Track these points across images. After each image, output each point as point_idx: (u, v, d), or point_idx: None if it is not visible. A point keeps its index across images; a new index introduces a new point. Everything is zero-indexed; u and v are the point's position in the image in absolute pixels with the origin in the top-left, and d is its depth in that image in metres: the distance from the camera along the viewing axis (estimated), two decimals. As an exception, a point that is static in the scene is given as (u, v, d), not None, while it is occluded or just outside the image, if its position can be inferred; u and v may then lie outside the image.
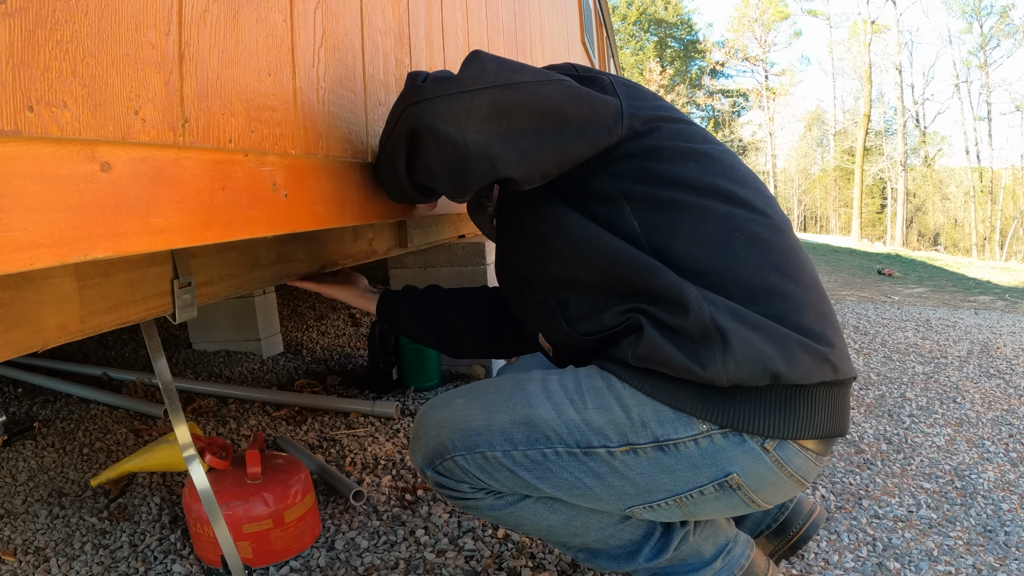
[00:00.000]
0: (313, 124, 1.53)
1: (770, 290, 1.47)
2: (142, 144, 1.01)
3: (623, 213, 1.57)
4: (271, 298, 4.93)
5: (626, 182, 1.58)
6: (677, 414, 1.45)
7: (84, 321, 1.49)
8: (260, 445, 2.31)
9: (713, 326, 1.40)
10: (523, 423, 1.54)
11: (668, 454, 1.47)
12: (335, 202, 1.61)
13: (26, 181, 0.83)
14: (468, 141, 1.49)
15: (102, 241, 0.93)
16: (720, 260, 1.49)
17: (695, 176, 1.57)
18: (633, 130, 1.59)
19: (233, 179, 1.22)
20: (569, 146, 1.55)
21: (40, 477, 3.02)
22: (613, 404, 1.49)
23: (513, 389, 1.61)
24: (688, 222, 1.52)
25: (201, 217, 1.13)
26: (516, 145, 1.52)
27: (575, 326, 1.63)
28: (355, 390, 4.03)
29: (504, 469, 1.56)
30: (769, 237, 1.53)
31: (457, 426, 1.59)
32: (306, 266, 2.38)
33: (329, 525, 2.45)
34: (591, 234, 1.58)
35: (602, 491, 1.53)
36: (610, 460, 1.49)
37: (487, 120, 1.50)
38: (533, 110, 1.52)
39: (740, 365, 1.39)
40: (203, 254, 1.88)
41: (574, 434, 1.50)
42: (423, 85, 1.55)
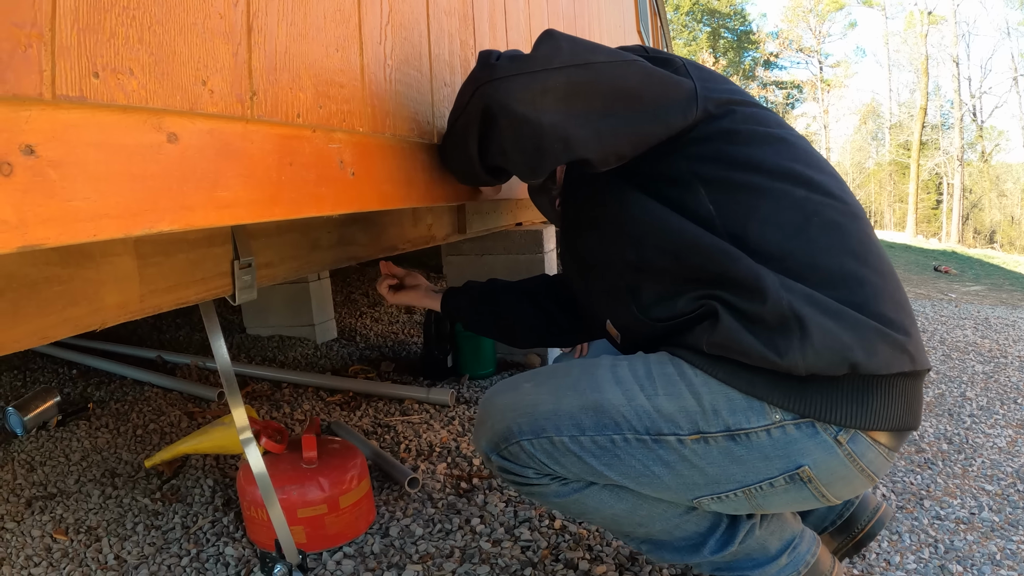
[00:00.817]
0: (380, 102, 1.49)
1: (848, 276, 1.43)
2: (209, 116, 0.98)
3: (698, 196, 1.53)
4: (326, 284, 4.92)
5: (701, 164, 1.55)
6: (750, 402, 1.42)
7: (143, 300, 1.47)
8: (316, 429, 2.27)
9: (791, 313, 1.36)
10: (592, 408, 1.51)
11: (739, 444, 1.43)
12: (402, 182, 1.57)
13: (90, 150, 0.79)
14: (544, 121, 1.45)
15: (168, 214, 0.90)
16: (797, 245, 1.45)
17: (771, 160, 1.53)
18: (708, 112, 1.56)
19: (301, 155, 1.19)
20: (644, 127, 1.52)
21: (93, 457, 3.01)
22: (684, 391, 1.46)
23: (582, 374, 1.58)
24: (764, 206, 1.49)
25: (268, 193, 1.09)
26: (592, 126, 1.48)
27: (647, 312, 1.60)
28: (409, 377, 4.01)
29: (571, 455, 1.53)
30: (846, 223, 1.49)
31: (524, 410, 1.57)
32: (366, 250, 2.36)
33: (383, 511, 2.42)
34: (665, 219, 1.55)
35: (670, 480, 1.50)
36: (680, 448, 1.46)
37: (562, 100, 1.47)
38: (608, 91, 1.49)
39: (818, 354, 1.35)
40: (264, 235, 1.85)
41: (643, 421, 1.47)
42: (497, 63, 1.51)
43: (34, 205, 0.72)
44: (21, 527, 2.43)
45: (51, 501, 2.62)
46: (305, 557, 2.01)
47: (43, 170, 0.74)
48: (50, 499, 2.64)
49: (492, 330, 2.25)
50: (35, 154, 0.73)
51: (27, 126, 0.72)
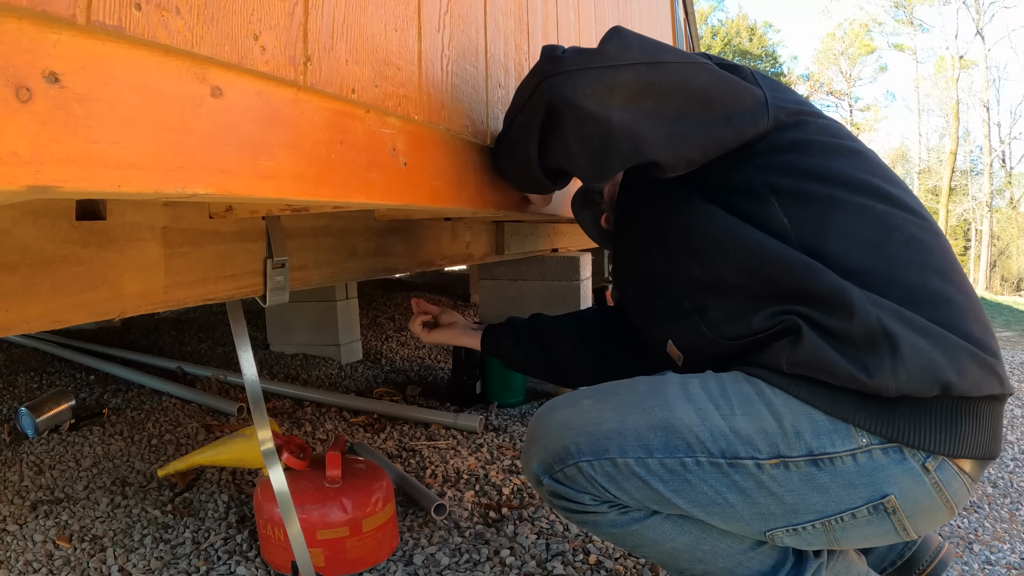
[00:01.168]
0: (436, 92, 1.39)
1: (932, 294, 1.34)
2: (259, 75, 0.87)
3: (770, 208, 1.45)
4: (353, 303, 4.83)
5: (773, 175, 1.47)
6: (834, 424, 1.32)
7: (168, 292, 1.38)
8: (341, 447, 2.17)
9: (881, 330, 1.27)
10: (661, 428, 1.40)
11: (823, 470, 1.33)
12: (453, 180, 1.46)
13: (124, 89, 0.68)
14: (613, 119, 1.35)
15: (205, 175, 0.78)
16: (879, 260, 1.37)
17: (847, 172, 1.45)
18: (779, 121, 1.48)
19: (352, 134, 1.08)
20: (716, 133, 1.43)
21: (105, 464, 2.93)
22: (763, 411, 1.36)
23: (650, 390, 1.47)
24: (843, 219, 1.41)
25: (316, 169, 0.98)
26: (662, 127, 1.39)
27: (717, 330, 1.49)
28: (435, 402, 3.91)
29: (636, 479, 1.41)
30: (927, 239, 1.41)
31: (584, 428, 1.45)
32: (404, 262, 2.28)
33: (407, 538, 2.31)
34: (738, 231, 1.45)
35: (744, 509, 1.38)
36: (757, 474, 1.35)
37: (631, 99, 1.37)
38: (679, 92, 1.40)
39: (910, 374, 1.26)
40: (299, 235, 1.77)
41: (719, 442, 1.37)
42: (564, 56, 1.41)
43: (52, 141, 0.61)
44: (23, 531, 2.34)
45: (57, 506, 2.53)
46: (323, 582, 1.91)
47: (67, 103, 0.63)
48: (56, 504, 2.55)
49: (540, 370, 2.14)
50: (60, 83, 0.62)
51: (54, 51, 0.62)
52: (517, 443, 3.23)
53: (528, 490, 2.65)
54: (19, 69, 0.58)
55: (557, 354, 2.08)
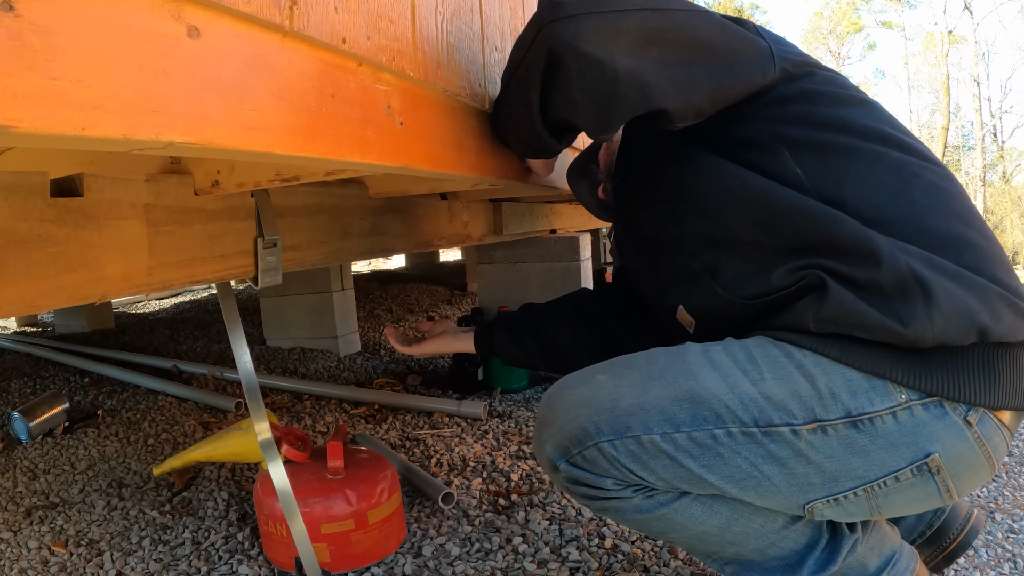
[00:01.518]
0: (431, 49, 1.31)
1: (957, 239, 1.27)
2: (240, 16, 0.78)
3: (782, 159, 1.38)
4: (349, 295, 4.74)
5: (783, 126, 1.40)
6: (871, 382, 1.24)
7: (152, 274, 1.31)
8: (343, 437, 2.08)
9: (912, 277, 1.20)
10: (687, 399, 1.31)
11: (862, 431, 1.24)
12: (452, 145, 1.39)
13: (89, 22, 0.60)
14: (618, 65, 1.27)
15: (182, 122, 0.70)
16: (901, 207, 1.30)
17: (860, 121, 1.39)
18: (787, 72, 1.43)
19: (344, 88, 1.00)
20: (723, 81, 1.37)
21: (100, 466, 2.85)
22: (795, 373, 1.27)
23: (670, 361, 1.37)
24: (859, 167, 1.34)
25: (306, 122, 0.90)
26: (669, 74, 1.32)
27: (733, 290, 1.41)
28: (437, 391, 3.84)
29: (663, 456, 1.32)
30: (945, 186, 1.35)
31: (602, 406, 1.35)
32: (401, 242, 2.21)
33: (415, 529, 2.23)
34: (750, 182, 1.39)
35: (781, 480, 1.30)
36: (794, 441, 1.26)
37: (636, 45, 1.30)
38: (684, 39, 1.35)
39: (947, 320, 1.18)
40: (291, 214, 1.70)
41: (751, 410, 1.27)
42: (564, 1, 1.33)
43: (3, 74, 0.53)
44: (17, 537, 2.26)
45: (52, 511, 2.45)
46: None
47: (22, 33, 0.54)
48: (51, 509, 2.47)
49: (540, 361, 2.06)
50: (15, 11, 0.53)
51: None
52: (523, 428, 3.15)
53: (538, 475, 2.58)
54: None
55: (554, 342, 2.01)
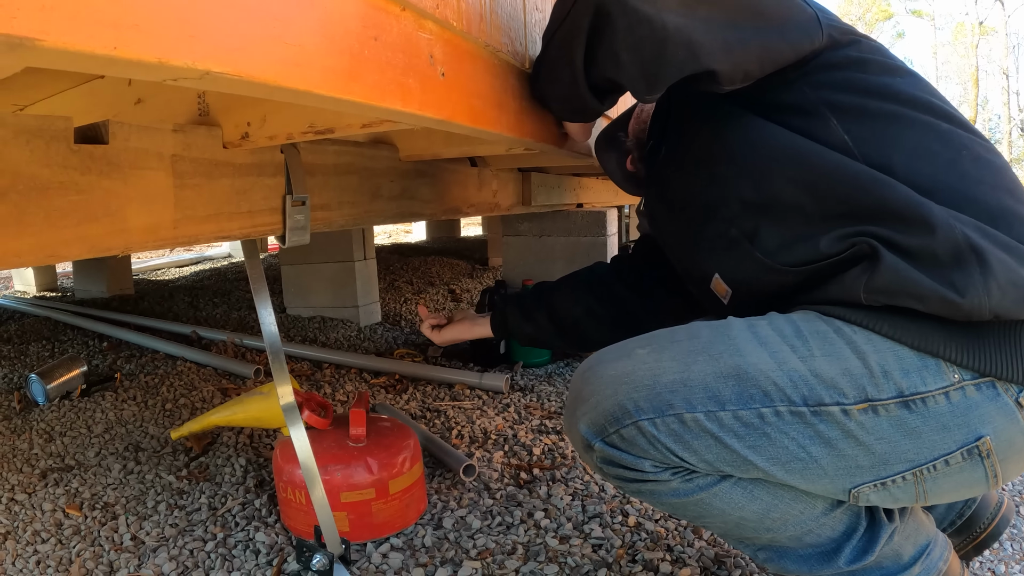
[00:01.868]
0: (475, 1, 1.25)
1: (1007, 212, 1.23)
2: (279, -60, 0.73)
3: (829, 125, 1.34)
4: (371, 264, 4.70)
5: (829, 92, 1.36)
6: (923, 360, 1.19)
7: (178, 227, 1.26)
8: (365, 405, 2.04)
9: (967, 245, 1.15)
10: (732, 376, 1.25)
11: (914, 412, 1.19)
12: (492, 102, 1.33)
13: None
14: (668, 22, 1.23)
15: (220, 51, 0.64)
16: (952, 176, 1.26)
17: (908, 90, 1.36)
18: (833, 40, 1.40)
19: (387, 32, 0.94)
20: (772, 43, 1.33)
21: (117, 430, 2.82)
22: (846, 350, 1.22)
23: (714, 335, 1.31)
24: (908, 135, 1.30)
25: (348, 63, 0.85)
26: (718, 34, 1.27)
27: (776, 256, 1.35)
28: (458, 363, 3.78)
29: (707, 436, 1.26)
30: (993, 159, 1.31)
31: (642, 382, 1.29)
32: (430, 207, 2.16)
33: (435, 500, 2.19)
34: (798, 145, 1.34)
35: (829, 462, 1.24)
36: (844, 421, 1.21)
37: (684, 3, 1.26)
38: (731, 4, 1.31)
39: (1003, 290, 1.14)
40: (320, 173, 1.65)
41: (800, 388, 1.22)
42: None
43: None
44: (32, 500, 2.23)
45: (67, 474, 2.42)
46: (348, 547, 1.78)
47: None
48: (67, 471, 2.44)
49: (555, 339, 2.05)
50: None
51: None
52: (545, 403, 3.11)
53: (560, 450, 2.53)
54: None
55: (568, 316, 1.99)
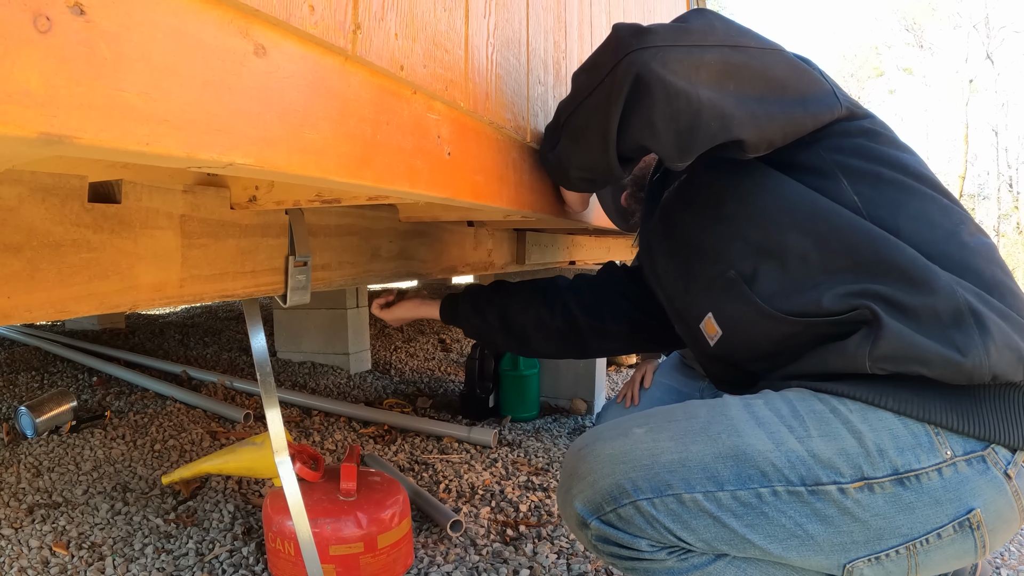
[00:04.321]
0: (481, 80, 1.30)
1: (1001, 284, 1.31)
2: (306, 37, 0.77)
3: (840, 185, 1.43)
4: (364, 312, 4.73)
5: (843, 156, 1.45)
6: (917, 438, 1.25)
7: (183, 286, 1.29)
8: (356, 459, 2.06)
9: (967, 307, 1.23)
10: (731, 456, 1.29)
11: (909, 488, 1.24)
12: (495, 176, 1.37)
13: (158, 33, 0.58)
14: (702, 96, 1.30)
15: (244, 143, 0.68)
16: (953, 246, 1.34)
17: (913, 164, 1.45)
18: (851, 111, 1.49)
19: (398, 116, 0.98)
20: (796, 115, 1.41)
21: (106, 468, 2.83)
22: (842, 430, 1.27)
23: (711, 415, 1.36)
24: (914, 203, 1.39)
25: (361, 149, 0.89)
26: (747, 107, 1.34)
27: (772, 302, 1.41)
28: (447, 415, 3.82)
29: (705, 516, 1.29)
30: (986, 239, 1.39)
31: (640, 461, 1.33)
32: (427, 267, 2.19)
33: (422, 555, 2.21)
34: (812, 198, 1.42)
35: (825, 539, 1.28)
36: (841, 500, 1.25)
37: (717, 78, 1.33)
38: (759, 76, 1.38)
39: (1000, 352, 1.21)
40: (322, 233, 1.69)
41: (798, 469, 1.27)
42: (651, 31, 1.35)
43: (71, 82, 0.51)
44: (19, 535, 2.24)
45: (55, 510, 2.43)
46: (334, 601, 1.80)
47: (92, 39, 0.53)
48: (54, 508, 2.45)
49: (499, 335, 2.08)
50: (85, 16, 0.52)
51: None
52: (532, 459, 3.13)
53: (547, 507, 2.55)
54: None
55: (517, 321, 2.03)
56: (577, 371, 4.04)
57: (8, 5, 0.47)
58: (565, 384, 4.08)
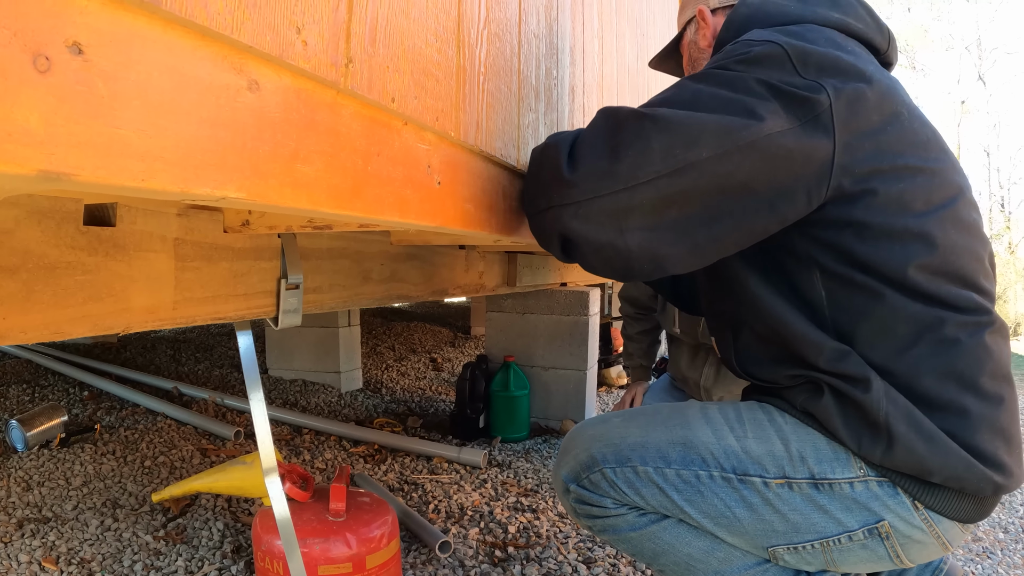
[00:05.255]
0: (472, 109, 1.32)
1: (946, 405, 1.37)
2: (299, 72, 0.79)
3: (811, 278, 1.44)
4: (355, 331, 4.75)
5: (820, 251, 1.41)
6: (836, 453, 1.42)
7: (176, 308, 1.31)
8: (346, 480, 2.07)
9: (886, 426, 1.35)
10: (680, 443, 1.52)
11: (822, 493, 1.42)
12: (483, 205, 1.39)
13: (154, 71, 0.60)
14: (630, 243, 1.33)
15: (237, 176, 0.70)
16: (902, 363, 1.39)
17: (897, 265, 1.37)
18: (841, 191, 1.35)
19: (389, 147, 1.00)
20: (756, 224, 1.36)
21: (96, 484, 2.83)
22: (773, 436, 1.47)
23: (672, 412, 1.59)
24: (879, 312, 1.40)
25: (352, 181, 0.91)
26: (687, 239, 1.35)
27: (744, 364, 1.61)
28: (437, 435, 3.83)
29: (653, 485, 1.52)
30: (963, 338, 1.38)
31: (611, 440, 1.58)
32: (417, 290, 2.20)
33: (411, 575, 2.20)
34: (773, 307, 1.49)
35: (750, 523, 1.48)
36: (764, 491, 1.45)
37: (650, 215, 1.32)
38: (711, 191, 1.30)
39: (895, 464, 1.37)
40: (314, 257, 1.70)
41: (731, 460, 1.48)
42: (571, 179, 1.33)
43: (70, 121, 0.53)
44: (8, 549, 2.25)
45: (44, 525, 2.44)
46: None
47: (90, 79, 0.55)
48: (44, 523, 2.46)
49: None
50: (84, 56, 0.54)
51: (81, 18, 0.54)
52: (522, 479, 3.15)
53: (535, 528, 2.57)
54: (40, 34, 0.51)
55: None
56: (567, 392, 4.07)
57: (8, 46, 0.49)
58: (556, 405, 4.10)
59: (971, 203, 1.47)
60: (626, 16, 3.68)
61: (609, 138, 1.33)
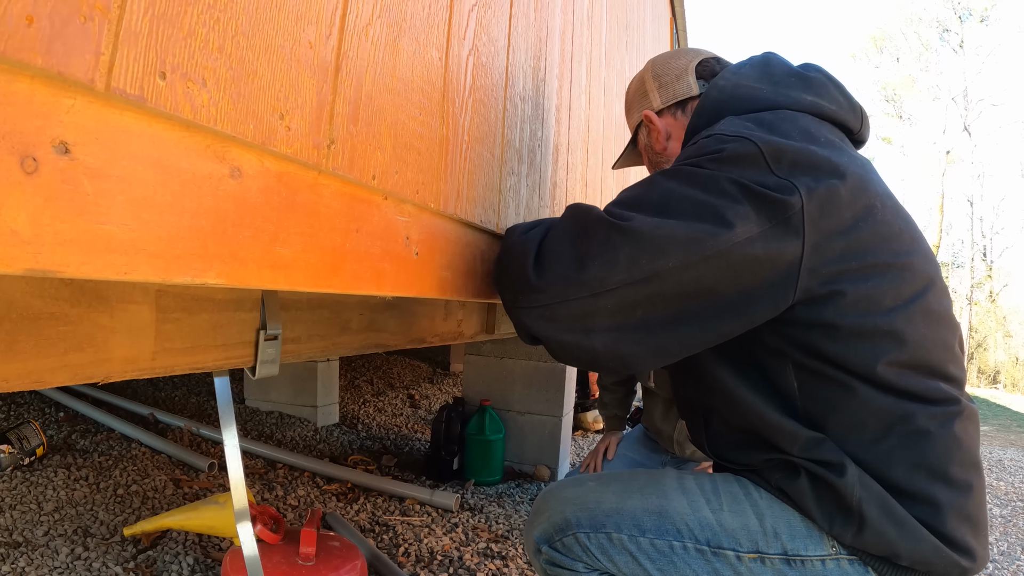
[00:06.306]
0: (453, 179, 1.35)
1: (917, 494, 1.39)
2: (281, 156, 0.82)
3: (785, 371, 1.45)
4: (334, 366, 4.76)
5: (791, 348, 1.43)
6: (810, 531, 1.43)
7: (156, 359, 1.32)
8: (317, 524, 2.09)
9: (858, 510, 1.37)
10: (655, 512, 1.51)
11: (794, 568, 1.44)
12: (461, 271, 1.42)
13: (139, 165, 0.64)
14: (596, 344, 1.38)
15: (217, 263, 0.73)
16: (873, 454, 1.41)
17: (867, 362, 1.38)
18: (809, 294, 1.36)
19: (368, 223, 1.04)
20: (722, 326, 1.37)
21: (67, 511, 2.83)
22: (748, 510, 1.48)
23: (648, 480, 1.58)
24: (851, 405, 1.41)
25: (330, 260, 0.94)
26: (652, 340, 1.37)
27: (716, 449, 1.63)
28: (411, 474, 3.85)
29: (626, 553, 1.51)
30: (933, 430, 1.40)
31: (586, 504, 1.56)
32: (395, 339, 2.22)
33: (375, 624, 2.21)
34: (745, 398, 1.50)
35: None
36: (736, 564, 1.46)
37: (616, 315, 1.35)
38: (676, 297, 1.33)
39: (866, 546, 1.39)
40: (295, 307, 1.72)
41: (705, 532, 1.48)
42: (537, 284, 1.38)
43: (56, 219, 0.56)
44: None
45: (15, 550, 2.44)
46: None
47: (76, 177, 0.58)
48: (14, 547, 2.47)
49: None
50: (70, 155, 0.57)
51: (67, 118, 0.57)
52: (493, 525, 3.16)
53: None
54: (27, 136, 0.54)
55: None
56: (542, 438, 4.09)
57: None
58: (530, 450, 4.12)
59: (941, 291, 1.48)
60: (615, 68, 3.73)
61: (576, 246, 1.36)
